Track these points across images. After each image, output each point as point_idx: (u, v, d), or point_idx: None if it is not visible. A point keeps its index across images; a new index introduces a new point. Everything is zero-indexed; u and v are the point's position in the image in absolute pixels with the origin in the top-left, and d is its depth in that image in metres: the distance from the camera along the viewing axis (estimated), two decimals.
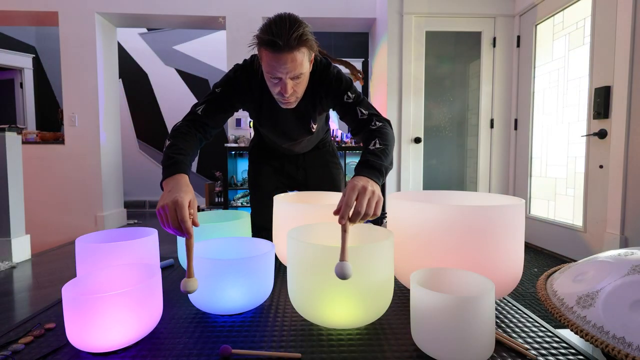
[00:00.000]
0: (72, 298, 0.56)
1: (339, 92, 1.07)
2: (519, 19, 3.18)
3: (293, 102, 1.03)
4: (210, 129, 1.06)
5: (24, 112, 5.09)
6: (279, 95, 0.99)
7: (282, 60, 0.90)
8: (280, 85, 0.95)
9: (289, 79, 0.94)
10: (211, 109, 1.05)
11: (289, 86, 0.95)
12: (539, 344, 0.62)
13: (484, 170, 3.34)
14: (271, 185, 1.43)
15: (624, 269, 0.62)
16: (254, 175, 1.46)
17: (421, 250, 0.75)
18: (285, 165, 1.43)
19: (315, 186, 1.42)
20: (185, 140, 0.96)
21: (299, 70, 0.93)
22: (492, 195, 0.91)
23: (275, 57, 0.90)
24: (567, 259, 2.62)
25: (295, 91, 0.99)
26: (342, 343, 0.63)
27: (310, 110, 1.14)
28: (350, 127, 1.08)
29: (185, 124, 1.01)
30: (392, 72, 3.24)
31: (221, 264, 0.69)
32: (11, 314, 1.85)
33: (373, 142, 0.92)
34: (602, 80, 2.29)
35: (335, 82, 1.07)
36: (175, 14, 3.68)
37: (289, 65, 0.91)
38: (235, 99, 1.09)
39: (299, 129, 1.20)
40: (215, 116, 1.06)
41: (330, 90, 1.07)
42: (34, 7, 3.56)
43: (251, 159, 1.48)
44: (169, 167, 0.85)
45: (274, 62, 0.91)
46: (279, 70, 0.92)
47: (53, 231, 3.70)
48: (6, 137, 2.63)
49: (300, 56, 0.92)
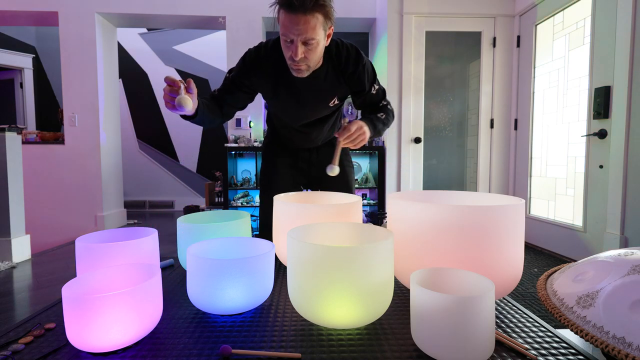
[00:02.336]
0: (72, 298, 0.56)
1: (368, 82, 1.18)
2: (519, 19, 3.18)
3: (304, 70, 1.05)
4: (227, 105, 1.18)
5: (24, 112, 5.09)
6: (290, 60, 1.02)
7: (295, 20, 0.93)
8: (292, 48, 0.98)
9: (301, 42, 0.97)
10: (223, 91, 1.17)
11: (300, 50, 0.98)
12: (539, 344, 0.62)
13: (484, 170, 3.34)
14: (285, 183, 1.42)
15: (624, 269, 0.62)
16: (267, 172, 1.45)
17: (421, 250, 0.75)
18: (299, 162, 1.43)
19: (328, 184, 1.40)
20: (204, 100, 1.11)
21: (310, 35, 0.95)
22: (492, 195, 0.91)
23: (289, 18, 0.93)
24: (567, 259, 2.62)
25: (306, 58, 1.01)
26: (342, 343, 0.63)
27: (332, 87, 1.18)
28: (366, 110, 1.25)
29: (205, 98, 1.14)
30: (392, 72, 3.24)
31: (221, 264, 0.68)
32: (11, 314, 1.85)
33: (381, 114, 1.19)
34: (602, 80, 2.29)
35: (368, 72, 1.17)
36: (175, 14, 3.68)
37: (302, 27, 0.93)
38: (248, 80, 1.15)
39: (318, 102, 1.21)
40: (227, 97, 1.17)
41: (361, 78, 1.16)
42: (34, 7, 3.56)
43: (265, 157, 1.48)
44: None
45: (288, 22, 0.94)
46: (291, 31, 0.95)
47: (53, 231, 3.70)
48: (6, 137, 2.63)
49: (314, 21, 0.94)
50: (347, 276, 0.62)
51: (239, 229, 0.97)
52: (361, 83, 1.17)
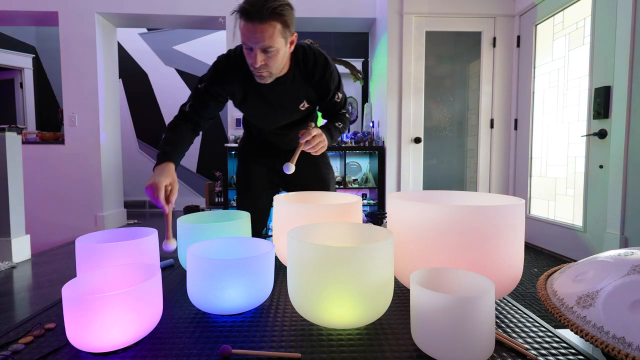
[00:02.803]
0: (72, 298, 0.56)
1: (333, 91, 1.22)
2: (519, 19, 3.18)
3: (266, 76, 1.07)
4: (203, 119, 1.17)
5: (24, 112, 5.09)
6: (252, 66, 1.04)
7: (252, 29, 0.94)
8: (252, 55, 1.00)
9: (260, 50, 0.98)
10: (196, 105, 1.15)
11: (259, 58, 1.00)
12: (539, 344, 0.62)
13: (484, 170, 3.34)
14: (262, 186, 1.42)
15: (624, 269, 0.62)
16: (244, 175, 1.45)
17: (421, 250, 0.75)
18: (276, 163, 1.42)
19: (305, 185, 1.41)
20: (176, 132, 1.11)
21: (268, 43, 0.97)
22: (492, 195, 0.91)
23: (247, 26, 0.95)
24: (567, 259, 2.62)
25: (267, 65, 1.03)
26: (342, 343, 0.63)
27: (299, 91, 1.20)
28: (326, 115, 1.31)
29: (176, 119, 1.15)
30: (392, 72, 3.24)
31: (221, 264, 0.68)
32: (11, 313, 1.85)
33: (339, 123, 1.27)
34: (602, 80, 2.29)
35: (334, 80, 1.20)
36: (175, 14, 3.68)
37: (259, 35, 0.95)
38: (221, 87, 1.16)
39: (288, 106, 1.23)
40: (200, 111, 1.16)
41: (328, 85, 1.19)
42: (34, 7, 3.56)
43: (241, 159, 1.48)
44: (158, 157, 1.03)
45: (246, 31, 0.96)
46: (249, 39, 0.97)
47: (53, 231, 3.70)
48: (6, 137, 2.63)
49: (272, 29, 0.95)
50: (347, 276, 0.62)
51: (239, 229, 0.97)
52: (327, 90, 1.21)
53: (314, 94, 1.23)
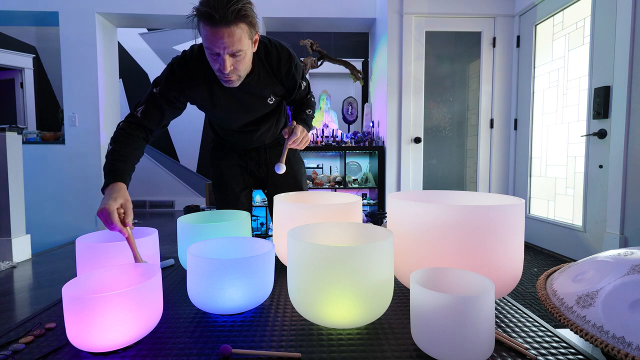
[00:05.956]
0: (72, 298, 0.56)
1: (299, 80, 1.23)
2: (518, 19, 3.18)
3: (235, 80, 1.02)
4: (154, 128, 1.07)
5: (24, 112, 5.09)
6: (219, 72, 0.98)
7: (218, 34, 0.89)
8: (219, 61, 0.95)
9: (228, 55, 0.93)
10: (150, 111, 1.05)
11: (228, 63, 0.95)
12: (539, 344, 0.62)
13: (484, 170, 3.34)
14: (237, 186, 1.40)
15: (624, 269, 0.62)
16: (218, 176, 1.42)
17: (421, 250, 0.76)
18: (248, 162, 1.41)
19: (277, 183, 1.40)
20: (126, 143, 0.99)
21: (237, 47, 0.92)
22: (492, 195, 0.91)
23: (212, 31, 0.89)
24: (566, 259, 2.62)
25: (235, 69, 0.98)
26: (342, 343, 0.63)
27: (266, 86, 1.17)
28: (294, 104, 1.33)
29: (126, 126, 1.03)
30: (392, 72, 3.24)
31: (221, 264, 0.69)
32: (11, 313, 1.85)
33: (309, 110, 1.32)
34: (602, 80, 2.29)
35: (299, 70, 1.20)
36: (175, 14, 3.68)
37: (227, 40, 0.89)
38: (181, 92, 1.08)
39: (256, 103, 1.20)
40: (155, 117, 1.06)
41: (295, 77, 1.19)
42: (34, 7, 3.56)
43: (212, 162, 1.45)
44: (107, 175, 0.92)
45: (211, 36, 0.90)
46: (216, 45, 0.91)
47: (53, 231, 3.69)
48: (6, 137, 2.63)
49: (239, 32, 0.90)
50: (347, 276, 0.62)
51: (239, 229, 0.97)
52: (295, 83, 1.20)
53: (280, 88, 1.20)
